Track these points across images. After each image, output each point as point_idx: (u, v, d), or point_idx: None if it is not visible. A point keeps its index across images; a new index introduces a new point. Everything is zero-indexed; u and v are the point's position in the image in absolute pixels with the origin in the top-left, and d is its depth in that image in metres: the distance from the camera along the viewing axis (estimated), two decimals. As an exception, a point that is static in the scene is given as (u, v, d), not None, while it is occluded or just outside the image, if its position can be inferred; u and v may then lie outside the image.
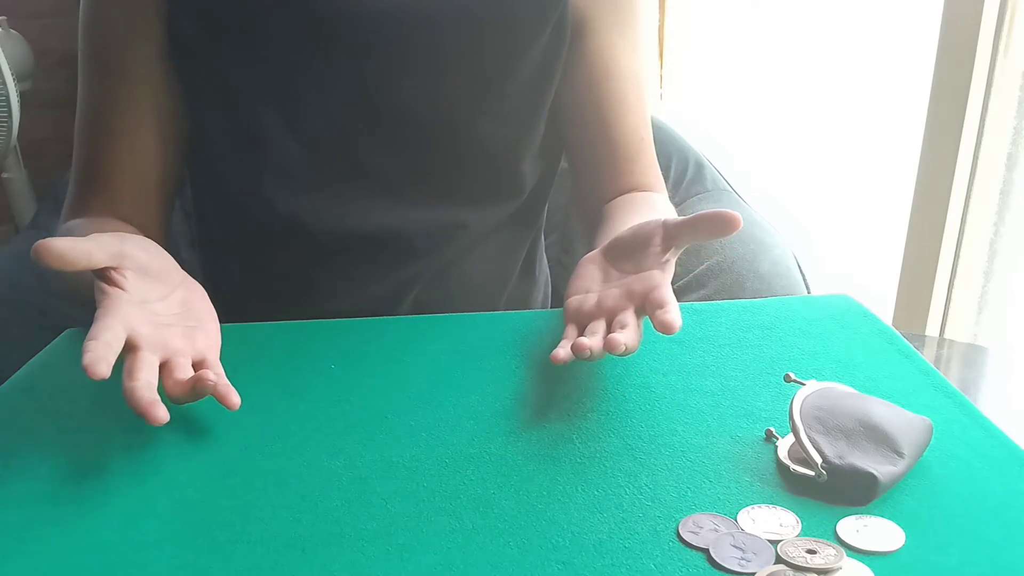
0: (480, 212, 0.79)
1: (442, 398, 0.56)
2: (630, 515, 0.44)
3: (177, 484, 0.48)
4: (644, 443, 0.51)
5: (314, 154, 0.74)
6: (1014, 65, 1.47)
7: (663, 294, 0.53)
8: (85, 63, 0.75)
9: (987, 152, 1.53)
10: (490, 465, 0.49)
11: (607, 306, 0.56)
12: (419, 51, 0.72)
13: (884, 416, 0.46)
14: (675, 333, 0.50)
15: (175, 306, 0.58)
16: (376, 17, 0.71)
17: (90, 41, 0.74)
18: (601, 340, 0.52)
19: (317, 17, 0.70)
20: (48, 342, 0.67)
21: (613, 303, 0.56)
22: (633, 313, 0.54)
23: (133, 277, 0.55)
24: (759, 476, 0.47)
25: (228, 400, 0.52)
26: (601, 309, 0.56)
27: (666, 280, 0.55)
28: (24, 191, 1.73)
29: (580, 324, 0.57)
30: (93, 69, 0.74)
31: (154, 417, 0.47)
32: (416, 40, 0.72)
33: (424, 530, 0.44)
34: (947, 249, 1.60)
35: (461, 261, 0.81)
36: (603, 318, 0.56)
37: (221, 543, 0.43)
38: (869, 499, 0.43)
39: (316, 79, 0.72)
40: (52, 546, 0.43)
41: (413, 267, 0.79)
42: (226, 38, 0.72)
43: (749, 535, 0.41)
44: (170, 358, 0.53)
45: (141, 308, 0.54)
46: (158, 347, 0.53)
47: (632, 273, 0.57)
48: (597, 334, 0.54)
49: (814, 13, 1.78)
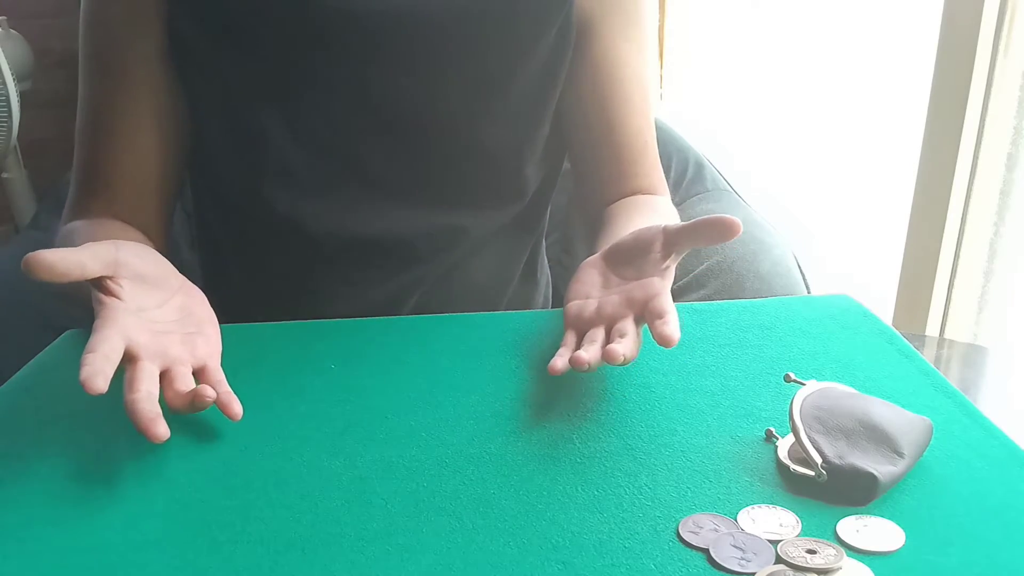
0: (482, 216, 0.79)
1: (442, 398, 0.56)
2: (630, 515, 0.44)
3: (177, 484, 0.48)
4: (644, 443, 0.51)
5: (315, 157, 0.74)
6: (1014, 65, 1.47)
7: (663, 303, 0.53)
8: (85, 63, 0.75)
9: (987, 152, 1.53)
10: (490, 465, 0.49)
11: (607, 313, 0.56)
12: (421, 51, 0.72)
13: (884, 416, 0.46)
14: (673, 347, 0.50)
15: (173, 312, 0.58)
16: (377, 17, 0.70)
17: (91, 41, 0.74)
18: (599, 350, 0.52)
19: (318, 18, 0.70)
20: (49, 343, 0.67)
21: (613, 310, 0.56)
22: (632, 321, 0.54)
23: (129, 285, 0.55)
24: (759, 476, 0.47)
25: (230, 410, 0.52)
26: (601, 316, 0.56)
27: (666, 287, 0.55)
28: (24, 191, 1.73)
29: (579, 330, 0.57)
30: (94, 69, 0.74)
31: (155, 434, 0.47)
32: (418, 40, 0.72)
33: (424, 530, 0.44)
34: (947, 249, 1.60)
35: (463, 265, 0.81)
36: (602, 325, 0.56)
37: (221, 543, 0.43)
38: (869, 499, 0.43)
39: (317, 80, 0.72)
40: (52, 546, 0.43)
41: (415, 271, 0.79)
42: (226, 39, 0.72)
43: (749, 535, 0.41)
44: (170, 367, 0.53)
45: (139, 317, 0.54)
46: (157, 356, 0.53)
47: (633, 279, 0.57)
48: (596, 343, 0.54)
49: (814, 14, 1.78)
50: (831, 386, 0.50)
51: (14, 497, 0.47)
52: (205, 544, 0.43)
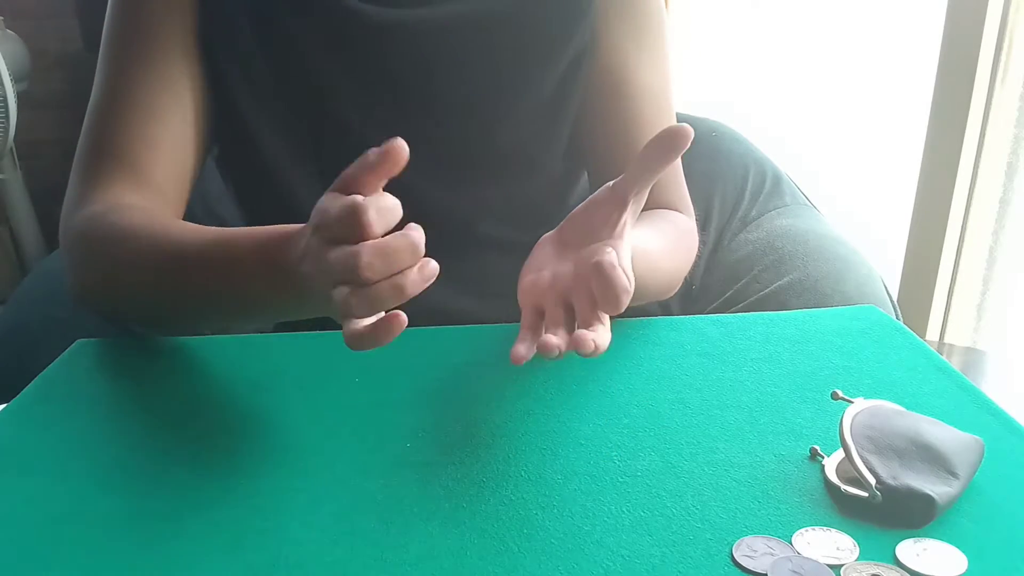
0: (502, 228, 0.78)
1: (472, 413, 0.55)
2: (680, 537, 0.43)
3: (205, 503, 0.46)
4: (686, 461, 0.49)
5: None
6: (1015, 75, 1.48)
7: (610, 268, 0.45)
8: (115, 43, 0.71)
9: (987, 160, 1.53)
10: (529, 485, 0.48)
11: (561, 286, 0.51)
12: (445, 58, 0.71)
13: (936, 435, 0.45)
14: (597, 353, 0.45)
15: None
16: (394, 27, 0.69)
17: (123, 20, 0.71)
18: (566, 337, 0.47)
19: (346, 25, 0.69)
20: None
21: (567, 283, 0.51)
22: (590, 298, 0.48)
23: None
24: (809, 496, 0.46)
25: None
26: (555, 288, 0.51)
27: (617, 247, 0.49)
28: (19, 192, 1.70)
29: (535, 306, 0.52)
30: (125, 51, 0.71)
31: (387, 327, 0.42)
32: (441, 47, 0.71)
33: (468, 554, 0.42)
34: (948, 255, 1.60)
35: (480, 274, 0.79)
36: (560, 301, 0.50)
37: (258, 568, 0.41)
38: (925, 521, 0.42)
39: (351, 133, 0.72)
40: (78, 569, 0.42)
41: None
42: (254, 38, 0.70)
43: (807, 559, 0.40)
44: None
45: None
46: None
47: (587, 247, 0.52)
48: (559, 326, 0.49)
49: (814, 19, 1.78)
50: (880, 404, 0.49)
51: (35, 516, 0.45)
52: (242, 569, 0.41)
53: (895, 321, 0.67)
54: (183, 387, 0.59)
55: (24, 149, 1.71)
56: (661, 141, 0.48)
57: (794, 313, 0.70)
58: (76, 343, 0.67)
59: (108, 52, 0.72)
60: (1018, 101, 1.50)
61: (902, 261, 1.63)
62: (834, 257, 0.90)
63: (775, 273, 0.89)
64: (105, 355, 0.65)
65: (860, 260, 0.91)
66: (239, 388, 0.60)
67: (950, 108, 1.51)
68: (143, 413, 0.57)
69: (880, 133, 1.71)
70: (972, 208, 1.58)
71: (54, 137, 1.75)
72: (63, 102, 1.76)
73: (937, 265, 1.61)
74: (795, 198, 1.04)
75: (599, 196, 0.53)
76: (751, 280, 0.87)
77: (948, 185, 1.55)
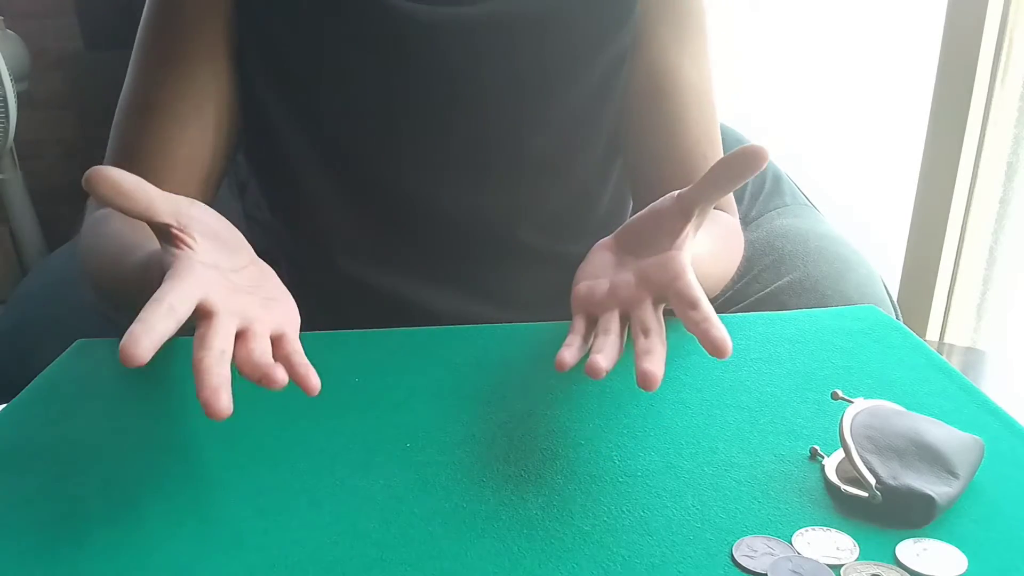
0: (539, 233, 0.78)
1: (471, 412, 0.55)
2: (680, 537, 0.43)
3: (205, 503, 0.47)
4: (686, 461, 0.49)
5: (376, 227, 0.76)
6: (1014, 74, 1.48)
7: (688, 287, 0.46)
8: (148, 42, 0.72)
9: (987, 161, 1.53)
10: (529, 484, 0.48)
11: (621, 295, 0.50)
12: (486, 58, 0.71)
13: (936, 435, 0.45)
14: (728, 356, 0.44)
15: (248, 279, 0.50)
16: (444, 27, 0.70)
17: (157, 25, 0.72)
18: (617, 342, 0.47)
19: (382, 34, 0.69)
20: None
21: (628, 293, 0.50)
22: (651, 306, 0.48)
23: (203, 241, 0.48)
24: (809, 496, 0.46)
25: (308, 383, 0.45)
26: (614, 298, 0.51)
27: (686, 262, 0.49)
28: (19, 192, 1.70)
29: (589, 315, 0.52)
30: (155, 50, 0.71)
31: (216, 409, 0.40)
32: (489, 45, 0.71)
33: (469, 554, 0.42)
34: (948, 255, 1.61)
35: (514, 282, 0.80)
36: (616, 309, 0.50)
37: (258, 568, 0.41)
38: (926, 521, 0.42)
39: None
40: (78, 569, 0.42)
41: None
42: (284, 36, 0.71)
43: (807, 559, 0.40)
44: (248, 326, 0.46)
45: (216, 270, 0.47)
46: (236, 313, 0.45)
47: (649, 257, 0.51)
48: (611, 333, 0.48)
49: (814, 20, 1.78)
50: (880, 404, 0.49)
51: (33, 517, 0.46)
52: (242, 569, 0.41)
53: (895, 321, 0.67)
54: (183, 387, 0.59)
55: (24, 149, 1.71)
56: (736, 160, 0.47)
57: (794, 313, 0.70)
58: (76, 343, 0.67)
59: (138, 52, 0.73)
60: (1018, 101, 1.50)
61: (902, 261, 1.63)
62: (834, 257, 0.89)
63: (775, 273, 0.89)
64: (105, 355, 0.65)
65: (860, 260, 0.91)
66: (238, 388, 0.59)
67: (950, 108, 1.51)
68: (143, 413, 0.57)
69: (880, 133, 1.71)
70: (972, 208, 1.58)
71: (54, 137, 1.75)
72: (63, 102, 1.76)
73: (937, 265, 1.61)
74: (795, 198, 1.04)
75: (662, 206, 0.52)
76: (751, 280, 0.87)
77: (948, 185, 1.55)
